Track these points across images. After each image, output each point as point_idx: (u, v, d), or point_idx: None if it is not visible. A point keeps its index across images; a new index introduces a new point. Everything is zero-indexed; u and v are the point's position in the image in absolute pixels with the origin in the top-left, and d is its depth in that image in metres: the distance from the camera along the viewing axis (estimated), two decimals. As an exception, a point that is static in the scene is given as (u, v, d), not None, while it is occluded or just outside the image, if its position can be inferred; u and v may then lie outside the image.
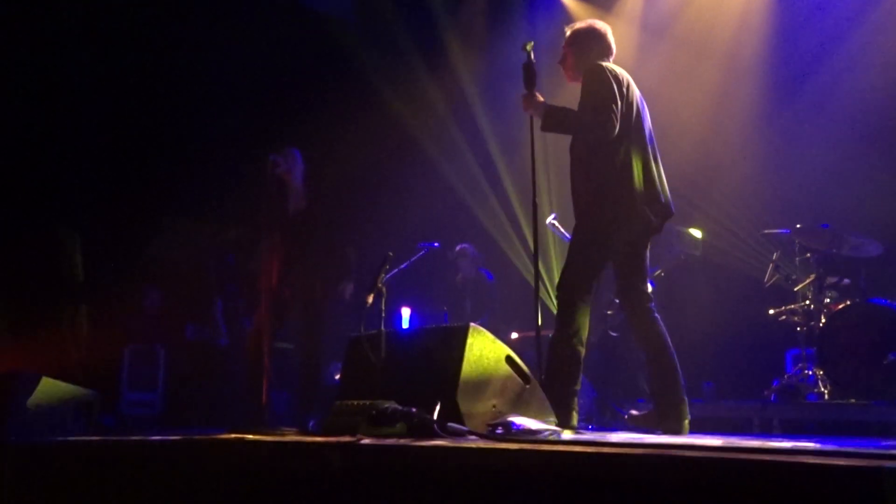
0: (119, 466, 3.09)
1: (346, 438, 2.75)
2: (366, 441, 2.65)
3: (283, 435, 3.16)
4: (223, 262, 7.05)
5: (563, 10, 7.81)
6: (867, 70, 6.33)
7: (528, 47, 3.99)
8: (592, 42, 3.99)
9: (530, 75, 3.96)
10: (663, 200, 3.81)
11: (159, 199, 7.16)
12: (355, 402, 3.09)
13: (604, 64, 3.87)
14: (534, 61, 3.98)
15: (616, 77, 3.79)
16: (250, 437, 3.01)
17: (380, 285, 3.42)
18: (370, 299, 3.36)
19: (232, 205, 6.38)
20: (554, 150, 4.44)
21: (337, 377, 5.92)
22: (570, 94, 4.10)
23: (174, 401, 6.37)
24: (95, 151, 6.93)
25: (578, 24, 4.06)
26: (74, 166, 6.87)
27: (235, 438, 2.97)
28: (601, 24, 4.05)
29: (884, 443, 2.93)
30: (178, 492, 2.88)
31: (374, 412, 2.91)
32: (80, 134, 6.86)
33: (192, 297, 7.08)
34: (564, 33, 4.07)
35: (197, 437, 3.22)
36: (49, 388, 4.20)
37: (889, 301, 5.23)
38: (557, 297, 3.81)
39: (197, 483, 2.84)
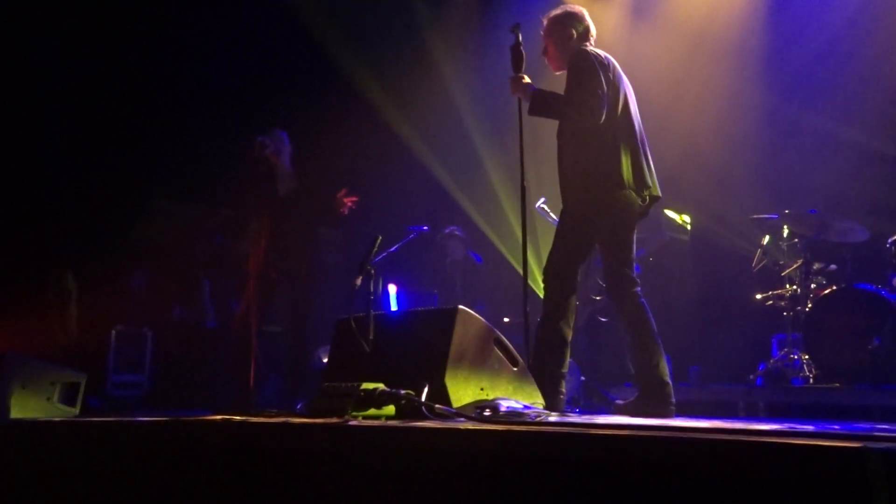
0: (105, 447, 3.09)
1: (334, 420, 2.75)
2: (354, 423, 2.66)
3: (270, 416, 3.16)
4: (211, 244, 7.01)
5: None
6: (858, 57, 6.34)
7: (516, 30, 3.97)
8: (570, 27, 3.96)
9: (518, 58, 3.95)
10: (650, 185, 3.81)
11: (147, 180, 7.10)
12: (343, 384, 3.09)
13: (588, 49, 3.86)
14: (521, 44, 3.96)
15: (601, 62, 3.77)
16: (237, 418, 3.01)
17: (368, 267, 3.41)
18: (359, 281, 3.35)
19: (220, 186, 6.35)
20: (543, 134, 4.42)
21: (325, 359, 5.92)
22: (558, 77, 4.09)
23: (161, 382, 6.35)
24: (83, 134, 6.86)
25: (554, 12, 4.02)
26: (62, 148, 6.80)
27: (222, 420, 2.97)
28: (576, 8, 4.02)
29: (867, 426, 2.96)
30: (164, 473, 2.88)
31: (362, 394, 2.91)
32: (69, 116, 6.79)
33: (179, 279, 7.05)
34: (542, 24, 4.04)
35: (184, 418, 3.21)
36: (36, 368, 4.18)
37: (874, 286, 5.26)
38: (544, 281, 3.82)
39: (183, 464, 2.84)
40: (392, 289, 7.20)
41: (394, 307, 7.29)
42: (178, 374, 6.37)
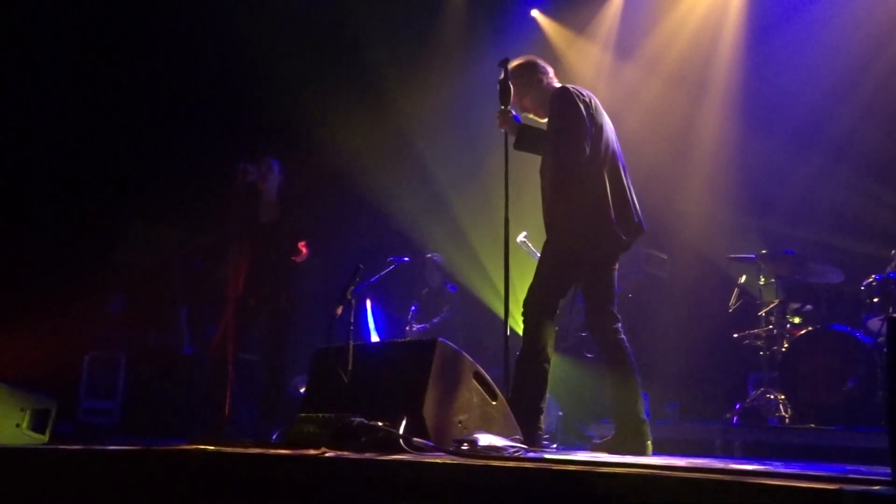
0: (76, 477, 3.02)
1: (310, 451, 2.73)
2: (330, 454, 2.63)
3: (245, 446, 3.12)
4: (190, 270, 6.96)
5: (538, 29, 7.91)
6: (834, 100, 6.48)
7: (504, 64, 4.02)
8: (534, 73, 4.02)
9: (505, 91, 3.99)
10: (636, 221, 3.84)
11: (127, 203, 7.05)
12: (320, 415, 3.07)
13: (568, 86, 3.91)
14: (509, 78, 4.00)
15: (583, 99, 3.82)
16: (212, 448, 2.97)
17: (349, 297, 3.40)
18: (339, 311, 3.34)
19: (201, 212, 6.31)
20: (527, 167, 4.47)
21: (302, 389, 5.86)
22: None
23: (134, 409, 6.24)
24: (63, 154, 6.81)
25: (513, 69, 4.01)
26: (41, 168, 6.74)
27: (196, 449, 2.92)
28: (525, 57, 4.10)
29: (842, 468, 2.98)
30: (136, 503, 2.82)
31: (339, 425, 2.89)
32: (49, 136, 6.75)
33: (156, 304, 6.97)
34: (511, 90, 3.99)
35: (156, 447, 3.16)
36: (4, 393, 4.10)
37: (849, 328, 5.32)
38: (523, 315, 3.82)
39: (156, 495, 2.78)
40: (368, 303, 7.17)
41: (371, 322, 7.26)
42: (151, 400, 6.26)
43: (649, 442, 3.65)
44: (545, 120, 4.01)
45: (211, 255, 5.99)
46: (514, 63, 4.06)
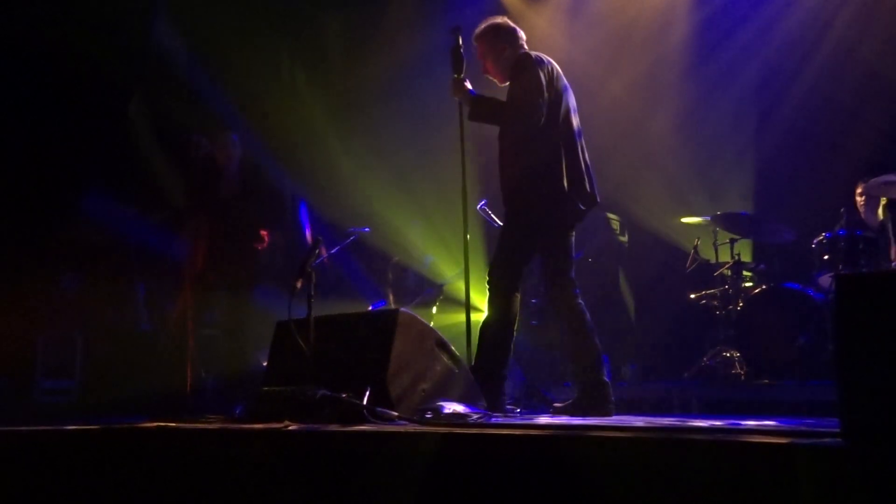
0: (34, 458, 2.98)
1: (273, 425, 2.72)
2: (293, 427, 2.63)
3: (207, 422, 3.10)
4: (146, 245, 6.83)
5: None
6: (789, 63, 6.55)
7: (456, 32, 3.99)
8: (501, 39, 3.99)
9: (458, 60, 3.96)
10: (589, 190, 3.87)
11: (79, 177, 6.87)
12: (283, 389, 3.06)
13: (532, 54, 3.90)
14: (461, 46, 3.97)
15: (543, 66, 3.82)
16: (173, 424, 2.95)
17: (309, 270, 3.37)
18: (299, 284, 3.31)
19: (158, 186, 6.20)
20: (485, 135, 4.46)
21: (265, 362, 5.83)
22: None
23: (93, 388, 6.14)
24: (15, 129, 6.60)
25: (479, 31, 4.02)
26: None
27: (158, 427, 2.90)
28: (497, 18, 4.07)
29: (796, 421, 3.07)
30: (96, 484, 2.79)
31: (302, 398, 2.89)
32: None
33: (112, 281, 6.84)
34: (474, 47, 4.03)
35: (116, 425, 3.12)
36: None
37: (801, 286, 5.46)
38: (488, 283, 3.85)
39: (117, 474, 2.76)
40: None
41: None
42: (110, 379, 6.17)
43: (611, 403, 3.71)
44: (505, 85, 4.00)
45: (168, 230, 5.90)
46: (482, 25, 4.03)
